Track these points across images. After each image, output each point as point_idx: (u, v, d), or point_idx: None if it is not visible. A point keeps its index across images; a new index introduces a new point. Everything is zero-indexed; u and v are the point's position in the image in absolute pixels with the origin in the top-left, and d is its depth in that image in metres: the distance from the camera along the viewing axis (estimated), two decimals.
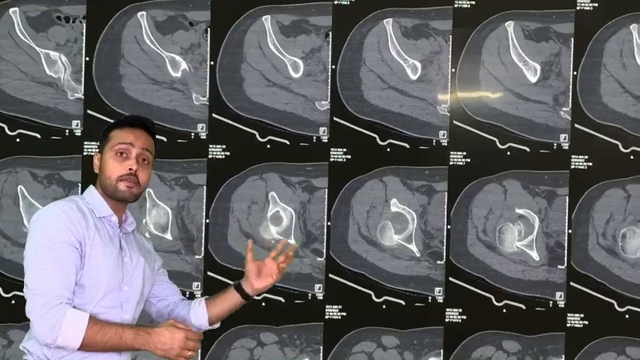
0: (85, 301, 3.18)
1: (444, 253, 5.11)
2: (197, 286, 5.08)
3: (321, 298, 5.10)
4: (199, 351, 4.96)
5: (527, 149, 5.08)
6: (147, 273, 3.37)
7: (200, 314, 3.52)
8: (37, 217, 3.22)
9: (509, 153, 5.09)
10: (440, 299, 5.09)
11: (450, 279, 5.10)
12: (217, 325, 3.59)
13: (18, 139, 5.08)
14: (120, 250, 3.28)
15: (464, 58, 5.11)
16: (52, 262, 3.12)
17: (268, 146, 5.12)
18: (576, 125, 5.08)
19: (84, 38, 5.13)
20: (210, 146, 5.12)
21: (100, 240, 3.21)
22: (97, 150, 3.32)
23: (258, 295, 3.61)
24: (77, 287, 3.17)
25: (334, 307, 5.09)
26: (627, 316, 5.05)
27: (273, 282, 3.54)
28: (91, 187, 3.34)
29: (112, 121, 5.03)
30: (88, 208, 3.26)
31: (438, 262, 5.11)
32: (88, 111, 5.11)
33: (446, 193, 5.11)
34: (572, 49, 5.08)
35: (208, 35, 5.13)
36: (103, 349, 3.15)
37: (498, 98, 5.11)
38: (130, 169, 3.25)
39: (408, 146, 5.11)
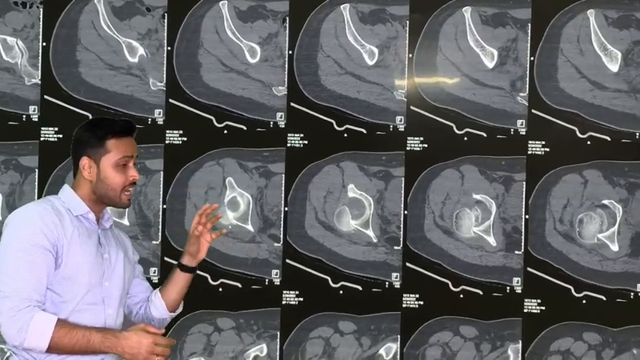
0: (68, 298, 3.21)
1: (401, 239, 5.11)
2: (154, 272, 5.09)
3: (278, 283, 5.10)
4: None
5: (485, 135, 5.09)
6: (127, 267, 3.40)
7: (158, 305, 3.53)
8: (12, 219, 3.24)
9: (466, 138, 5.09)
10: (397, 285, 5.09)
11: (407, 264, 5.10)
12: (180, 310, 3.60)
13: None
14: (99, 246, 3.30)
15: (421, 44, 5.11)
16: (24, 265, 3.14)
17: (225, 132, 5.12)
18: (533, 111, 5.08)
19: (41, 24, 5.13)
20: (167, 132, 5.12)
21: (78, 237, 3.23)
22: (85, 155, 3.27)
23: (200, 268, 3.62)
24: (59, 286, 3.20)
25: (291, 292, 5.09)
26: (584, 301, 5.06)
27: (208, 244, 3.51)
28: (66, 186, 3.35)
29: (68, 106, 5.12)
30: (64, 207, 3.27)
31: (395, 247, 5.11)
32: (45, 96, 5.11)
33: (403, 179, 5.11)
34: (530, 35, 5.08)
35: (165, 21, 5.13)
36: (70, 352, 3.19)
37: (455, 84, 5.11)
38: (133, 178, 3.31)
39: (365, 132, 5.11)
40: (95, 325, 3.23)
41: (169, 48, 5.12)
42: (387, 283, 5.10)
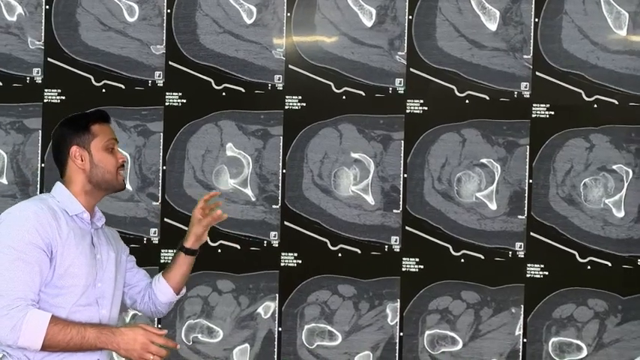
0: (63, 300, 3.23)
1: (280, 198, 5.11)
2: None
3: (157, 242, 5.10)
4: None
5: (363, 93, 5.08)
6: (118, 266, 3.44)
7: (163, 289, 3.63)
8: (7, 217, 3.25)
9: (344, 97, 5.09)
10: (275, 244, 5.10)
11: (286, 223, 5.10)
12: (184, 291, 3.72)
13: None
14: (92, 247, 3.33)
15: (299, 3, 5.10)
16: (18, 264, 3.15)
17: (104, 90, 5.12)
18: (411, 69, 5.08)
19: None
20: (46, 90, 5.12)
21: (74, 238, 3.25)
22: (74, 144, 3.34)
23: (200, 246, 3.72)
24: (54, 288, 3.21)
25: (169, 251, 5.10)
26: (463, 260, 5.05)
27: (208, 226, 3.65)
28: (59, 184, 3.36)
29: None
30: (59, 207, 3.29)
31: (274, 206, 5.11)
32: None
33: (281, 137, 5.11)
34: None
35: None
36: (65, 349, 3.19)
37: (334, 42, 5.11)
38: (123, 159, 3.39)
39: (243, 90, 5.11)
40: None
41: (47, 7, 5.12)
42: (265, 242, 5.10)
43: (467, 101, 5.06)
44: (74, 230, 3.26)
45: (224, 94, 5.11)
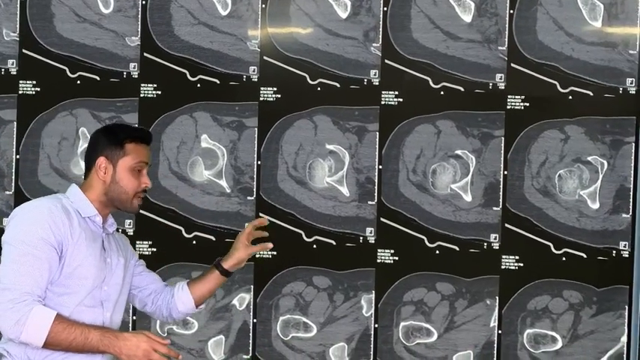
0: (68, 299, 3.22)
1: (254, 189, 5.11)
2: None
3: (132, 234, 5.11)
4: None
5: (338, 85, 5.08)
6: (126, 273, 3.44)
7: (185, 299, 3.62)
8: (20, 212, 3.25)
9: (319, 89, 5.09)
10: None
11: (261, 215, 5.09)
12: (203, 307, 3.69)
13: None
14: (102, 250, 3.33)
15: None
16: (28, 258, 3.15)
17: (79, 82, 5.12)
18: (387, 61, 5.07)
19: None
20: (21, 82, 5.12)
21: (85, 240, 3.25)
22: (103, 155, 3.32)
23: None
24: (60, 287, 3.21)
25: (144, 242, 5.09)
26: (438, 251, 5.05)
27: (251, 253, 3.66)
28: (75, 187, 3.36)
29: None
30: (72, 208, 3.28)
31: (249, 197, 5.11)
32: None
33: (256, 129, 5.11)
34: None
35: None
36: (67, 349, 3.18)
37: (309, 34, 5.11)
38: (146, 185, 3.35)
39: (218, 82, 5.11)
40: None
41: None
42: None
43: (442, 93, 5.06)
44: (86, 232, 3.27)
45: (199, 85, 5.11)
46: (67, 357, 3.21)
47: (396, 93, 5.07)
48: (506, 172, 5.03)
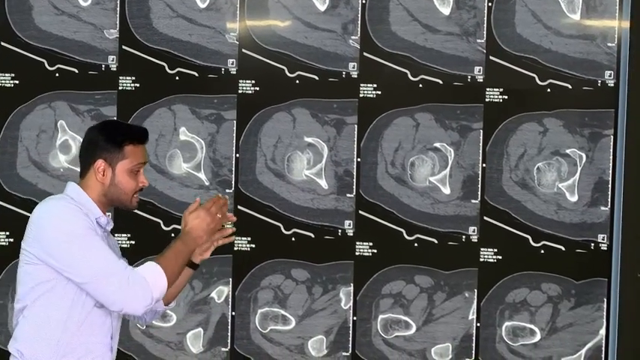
0: (82, 299, 3.23)
1: (233, 182, 5.11)
2: None
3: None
4: None
5: (317, 77, 5.08)
6: None
7: None
8: (48, 213, 3.25)
9: (298, 82, 5.08)
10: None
11: (239, 207, 5.10)
12: (173, 304, 3.63)
13: None
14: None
15: None
16: (95, 245, 3.19)
17: (57, 75, 5.12)
18: (365, 54, 5.07)
19: None
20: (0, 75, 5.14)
21: (101, 238, 3.27)
22: (101, 158, 3.31)
23: None
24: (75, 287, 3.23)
25: (123, 235, 5.10)
26: (416, 244, 5.06)
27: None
28: (75, 185, 3.35)
29: None
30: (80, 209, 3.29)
31: (227, 190, 5.11)
32: None
33: (235, 122, 5.11)
34: None
35: None
36: (179, 272, 3.31)
37: (287, 27, 5.10)
38: (143, 184, 3.39)
39: (196, 75, 5.11)
40: (102, 328, 3.29)
41: None
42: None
43: (420, 85, 5.06)
44: (96, 230, 3.29)
45: (177, 78, 5.11)
46: (81, 356, 3.23)
47: (375, 86, 5.07)
48: (484, 165, 5.03)
